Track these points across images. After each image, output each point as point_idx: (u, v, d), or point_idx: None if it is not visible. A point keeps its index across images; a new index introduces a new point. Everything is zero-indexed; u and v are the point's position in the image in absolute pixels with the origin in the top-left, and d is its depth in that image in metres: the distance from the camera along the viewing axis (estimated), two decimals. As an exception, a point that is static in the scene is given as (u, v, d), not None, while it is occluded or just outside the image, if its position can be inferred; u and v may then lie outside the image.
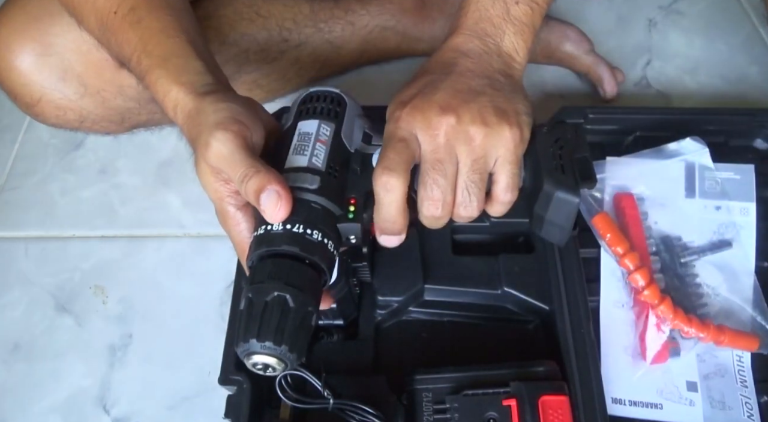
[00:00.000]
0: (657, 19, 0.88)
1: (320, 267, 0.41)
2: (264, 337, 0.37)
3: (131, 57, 0.47)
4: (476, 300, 0.58)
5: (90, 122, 0.68)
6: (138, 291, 0.66)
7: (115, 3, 0.49)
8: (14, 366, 0.62)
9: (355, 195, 0.44)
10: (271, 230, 0.40)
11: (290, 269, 0.39)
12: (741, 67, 0.83)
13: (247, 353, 0.38)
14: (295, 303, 0.38)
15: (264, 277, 0.39)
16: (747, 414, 0.53)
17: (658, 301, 0.54)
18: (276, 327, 0.37)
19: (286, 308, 0.38)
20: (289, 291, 0.38)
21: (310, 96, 0.48)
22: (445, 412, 0.48)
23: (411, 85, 0.46)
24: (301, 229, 0.40)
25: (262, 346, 0.37)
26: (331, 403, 0.48)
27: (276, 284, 0.38)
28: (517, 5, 0.47)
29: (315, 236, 0.40)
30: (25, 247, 0.70)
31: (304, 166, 0.43)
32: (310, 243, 0.40)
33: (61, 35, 0.60)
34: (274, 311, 0.38)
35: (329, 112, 0.47)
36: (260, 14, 0.70)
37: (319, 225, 0.41)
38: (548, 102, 0.79)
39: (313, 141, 0.44)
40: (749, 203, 0.60)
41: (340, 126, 0.46)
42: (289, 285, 0.38)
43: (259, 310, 0.38)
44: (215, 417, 0.52)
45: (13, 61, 0.61)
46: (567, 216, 0.44)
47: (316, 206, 0.42)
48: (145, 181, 0.74)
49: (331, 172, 0.44)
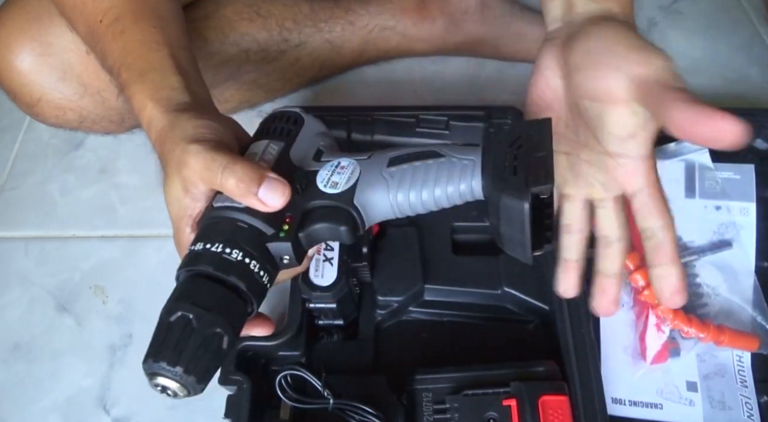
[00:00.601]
0: (657, 19, 0.88)
1: (238, 287, 0.38)
2: (160, 357, 0.35)
3: (113, 68, 0.47)
4: (476, 300, 0.58)
5: (90, 122, 0.68)
6: (138, 291, 0.66)
7: (101, 11, 0.48)
8: (14, 366, 0.62)
9: (291, 213, 0.41)
10: (193, 249, 0.39)
11: (200, 289, 0.37)
12: (741, 68, 0.83)
13: (149, 373, 0.36)
14: (198, 324, 0.36)
15: (174, 297, 0.37)
16: (747, 414, 0.53)
17: (658, 301, 0.54)
18: (174, 347, 0.35)
19: (188, 328, 0.36)
20: (194, 311, 0.36)
21: (270, 116, 0.47)
22: (445, 412, 0.48)
23: None
24: (219, 249, 0.38)
25: (158, 367, 0.35)
26: (331, 403, 0.48)
27: (181, 304, 0.36)
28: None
29: (234, 255, 0.38)
30: (25, 247, 0.70)
31: None
32: (227, 263, 0.38)
33: (60, 35, 0.60)
34: (175, 331, 0.36)
35: (281, 132, 0.45)
36: (260, 14, 0.70)
37: (242, 244, 0.39)
38: (548, 102, 0.79)
39: (257, 160, 0.42)
40: (749, 203, 0.60)
41: (291, 145, 0.44)
42: (196, 305, 0.36)
43: (163, 330, 0.36)
44: (215, 417, 0.52)
45: (12, 61, 0.61)
46: (519, 225, 0.37)
47: (243, 225, 0.40)
48: (145, 181, 0.74)
49: None
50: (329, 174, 0.43)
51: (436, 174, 0.41)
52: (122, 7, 0.48)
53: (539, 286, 0.57)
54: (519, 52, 0.80)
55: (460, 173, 0.40)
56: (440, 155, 0.41)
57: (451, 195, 0.41)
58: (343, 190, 0.42)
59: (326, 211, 0.41)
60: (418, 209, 0.42)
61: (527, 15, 0.78)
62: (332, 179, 0.42)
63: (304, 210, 0.41)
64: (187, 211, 0.41)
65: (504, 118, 0.67)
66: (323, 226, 0.41)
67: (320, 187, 0.42)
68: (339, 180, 0.42)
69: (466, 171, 0.40)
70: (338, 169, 0.43)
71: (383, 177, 0.42)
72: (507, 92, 0.80)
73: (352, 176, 0.42)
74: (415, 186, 0.41)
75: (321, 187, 0.42)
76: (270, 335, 0.53)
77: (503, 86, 0.81)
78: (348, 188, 0.42)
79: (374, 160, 0.43)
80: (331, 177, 0.43)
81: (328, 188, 0.42)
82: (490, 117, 0.67)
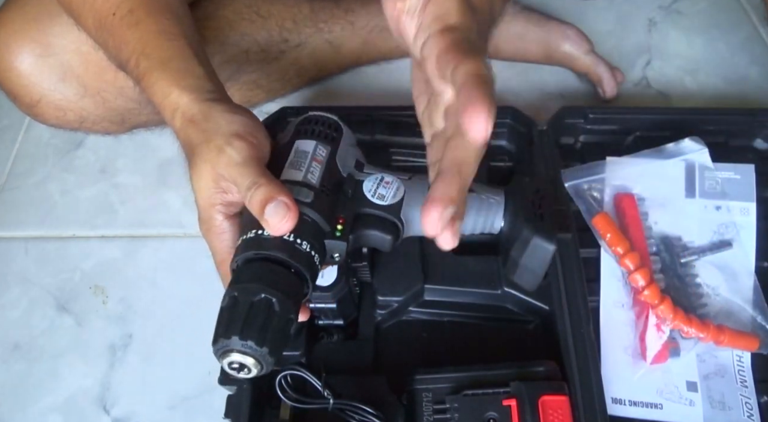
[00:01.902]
0: (657, 19, 0.88)
1: (305, 276, 0.41)
2: (247, 336, 0.37)
3: (129, 59, 0.47)
4: (476, 300, 0.58)
5: (90, 123, 0.68)
6: (138, 291, 0.66)
7: (114, 4, 0.48)
8: (14, 366, 0.62)
9: (344, 215, 0.44)
10: (261, 235, 0.41)
11: (278, 274, 0.40)
12: (741, 67, 0.83)
13: (226, 350, 0.38)
14: (280, 308, 0.38)
15: (252, 278, 0.39)
16: (747, 414, 0.53)
17: (658, 301, 0.54)
18: (260, 327, 0.37)
19: (271, 311, 0.38)
20: (276, 295, 0.38)
21: (309, 118, 0.49)
22: (445, 412, 0.48)
23: None
24: (292, 238, 0.41)
25: (243, 345, 0.37)
26: (331, 403, 0.48)
27: (263, 286, 0.38)
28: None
29: (304, 247, 0.41)
30: (25, 247, 0.70)
31: (299, 179, 0.43)
32: (299, 253, 0.41)
33: (60, 36, 0.60)
34: (259, 312, 0.38)
35: (326, 136, 0.47)
36: (260, 14, 0.70)
37: (309, 237, 0.41)
38: (548, 102, 0.79)
39: (309, 159, 0.45)
40: (749, 203, 0.60)
41: (336, 150, 0.47)
42: (276, 289, 0.39)
43: (245, 309, 0.38)
44: (215, 417, 0.53)
45: (12, 62, 0.61)
46: (542, 263, 0.45)
47: (308, 219, 0.42)
48: (145, 181, 0.74)
49: (323, 190, 0.44)
50: (375, 186, 0.47)
51: (468, 206, 0.45)
52: (134, 0, 0.48)
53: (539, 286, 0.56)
54: (518, 52, 0.80)
55: (486, 210, 0.47)
56: (471, 190, 0.45)
57: (474, 226, 0.47)
58: (391, 204, 0.46)
59: (375, 219, 0.45)
60: None
61: (527, 15, 0.78)
62: (379, 191, 0.47)
63: (356, 214, 0.45)
64: (218, 199, 0.42)
65: (504, 118, 0.68)
66: (371, 233, 0.45)
67: (368, 196, 0.46)
68: (386, 193, 0.46)
69: (491, 208, 0.47)
70: (383, 183, 0.47)
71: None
72: (507, 92, 0.80)
73: (398, 192, 0.47)
74: None
75: (369, 196, 0.46)
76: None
77: (503, 86, 0.81)
78: (395, 202, 0.46)
79: (416, 182, 0.48)
80: (378, 189, 0.47)
81: (376, 199, 0.46)
82: (490, 117, 0.67)
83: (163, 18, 0.48)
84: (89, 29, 0.52)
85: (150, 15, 0.48)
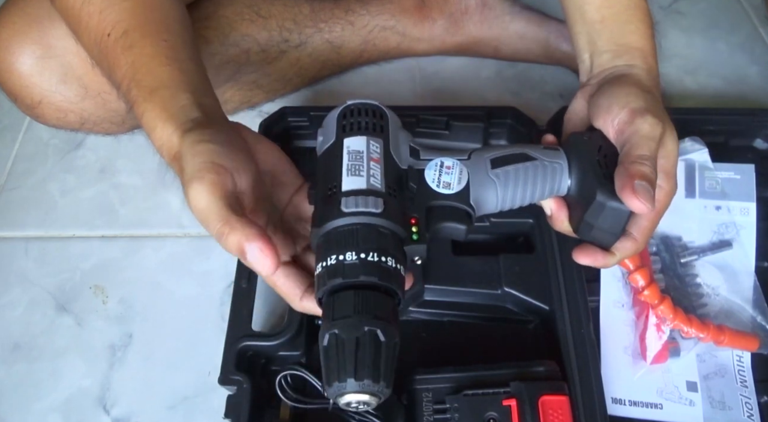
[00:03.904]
0: (657, 18, 0.87)
1: (397, 294, 0.39)
2: (362, 376, 0.35)
3: (121, 83, 0.46)
4: (476, 300, 0.58)
5: (91, 123, 0.68)
6: (138, 291, 0.66)
7: (109, 24, 0.47)
8: (14, 366, 0.62)
9: (416, 214, 0.42)
10: (344, 260, 0.39)
11: (375, 301, 0.38)
12: (741, 67, 0.83)
13: (343, 392, 0.36)
14: (386, 337, 0.37)
15: (350, 311, 0.37)
16: (747, 414, 0.53)
17: (658, 301, 0.54)
18: (372, 363, 0.36)
19: (377, 343, 0.36)
20: (379, 325, 0.37)
21: (350, 109, 0.46)
22: (445, 412, 0.48)
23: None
24: (376, 258, 0.38)
25: (360, 385, 0.36)
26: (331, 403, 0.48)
27: (364, 319, 0.37)
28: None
29: (390, 263, 0.39)
30: (25, 247, 0.70)
31: (364, 188, 0.41)
32: (387, 271, 0.39)
33: (61, 37, 0.60)
34: (367, 348, 0.36)
35: (374, 127, 0.45)
36: (261, 14, 0.70)
37: (391, 250, 0.39)
38: (548, 102, 0.79)
39: (366, 160, 0.42)
40: (749, 203, 0.60)
41: (388, 141, 0.45)
42: (377, 318, 0.37)
43: (352, 348, 0.36)
44: (215, 417, 0.52)
45: (13, 63, 0.61)
46: (618, 223, 0.44)
47: (385, 231, 0.40)
48: (145, 181, 0.74)
49: (391, 193, 0.42)
50: (437, 174, 0.45)
51: (533, 175, 0.45)
52: (130, 20, 0.47)
53: (539, 286, 0.57)
54: (518, 52, 0.80)
55: (551, 175, 0.46)
56: (533, 158, 0.46)
57: (542, 192, 0.46)
58: (459, 191, 0.44)
59: (447, 211, 0.44)
60: (515, 205, 0.47)
61: (527, 15, 0.79)
62: (443, 179, 0.45)
63: (426, 209, 0.43)
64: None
65: (504, 118, 0.68)
66: (445, 225, 0.44)
67: (433, 187, 0.44)
68: (450, 180, 0.45)
69: (555, 173, 0.46)
70: (445, 169, 0.45)
71: (491, 178, 0.45)
72: (507, 92, 0.80)
73: (462, 177, 0.45)
74: (518, 186, 0.45)
75: (434, 187, 0.44)
76: (270, 335, 0.54)
77: (503, 86, 0.81)
78: (462, 189, 0.44)
79: (475, 161, 0.46)
80: (441, 177, 0.45)
81: (442, 188, 0.44)
82: (490, 117, 0.67)
83: (157, 40, 0.46)
84: (87, 48, 0.51)
85: (144, 37, 0.46)
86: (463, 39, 0.79)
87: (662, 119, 0.45)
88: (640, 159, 0.43)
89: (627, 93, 0.46)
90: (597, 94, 0.49)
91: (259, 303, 0.57)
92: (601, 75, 0.51)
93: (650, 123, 0.44)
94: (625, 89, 0.47)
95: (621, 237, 0.45)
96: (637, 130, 0.44)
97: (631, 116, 0.44)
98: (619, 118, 0.45)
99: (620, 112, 0.45)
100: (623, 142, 0.45)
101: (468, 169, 0.45)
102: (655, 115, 0.44)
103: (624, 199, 0.42)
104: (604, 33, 0.52)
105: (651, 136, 0.44)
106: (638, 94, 0.46)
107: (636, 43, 0.51)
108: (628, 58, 0.50)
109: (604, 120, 0.46)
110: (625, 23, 0.51)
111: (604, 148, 0.46)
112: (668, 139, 0.45)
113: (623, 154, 0.44)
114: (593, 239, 0.46)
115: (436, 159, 0.46)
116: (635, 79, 0.49)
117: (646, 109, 0.45)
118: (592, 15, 0.52)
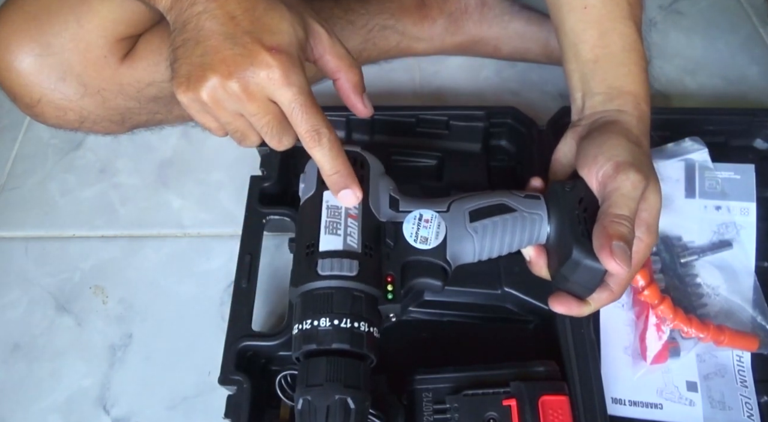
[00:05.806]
0: (657, 19, 0.88)
1: (369, 357, 0.41)
2: None
3: None
4: (476, 300, 0.58)
5: (90, 122, 0.67)
6: (138, 291, 0.66)
7: None
8: (14, 366, 0.62)
9: (391, 271, 0.43)
10: (318, 326, 0.40)
11: (346, 369, 0.40)
12: (741, 67, 0.83)
13: None
14: (355, 404, 0.39)
15: (322, 380, 0.39)
16: (747, 414, 0.53)
17: (658, 301, 0.54)
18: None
19: (347, 410, 0.39)
20: (349, 393, 0.39)
21: None
22: (445, 412, 0.48)
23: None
24: (349, 324, 0.40)
25: None
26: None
27: (335, 387, 0.39)
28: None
29: (362, 328, 0.41)
30: (25, 247, 0.70)
31: (340, 249, 0.42)
32: (359, 337, 0.41)
33: (59, 34, 0.60)
34: (337, 416, 0.39)
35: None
36: (260, 14, 0.70)
37: (364, 314, 0.41)
38: (548, 102, 0.79)
39: (344, 217, 0.43)
40: (749, 203, 0.60)
41: (367, 194, 0.45)
42: (348, 386, 0.39)
43: (323, 415, 0.39)
44: (215, 417, 0.52)
45: (12, 61, 0.61)
46: (593, 279, 0.44)
47: (359, 294, 0.41)
48: (145, 181, 0.74)
49: (367, 252, 0.43)
50: (415, 228, 0.45)
51: (512, 227, 0.46)
52: None
53: (539, 286, 0.56)
54: (518, 52, 0.80)
55: (530, 226, 0.46)
56: (512, 209, 0.46)
57: (520, 243, 0.47)
58: (435, 246, 0.45)
59: (423, 267, 0.44)
60: (494, 255, 0.47)
61: (526, 14, 0.78)
62: (420, 234, 0.45)
63: (402, 265, 0.44)
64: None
65: (504, 118, 0.68)
66: (420, 281, 0.44)
67: (410, 241, 0.45)
68: (428, 235, 0.45)
69: (534, 224, 0.46)
70: (423, 223, 0.45)
71: (469, 232, 0.46)
72: (507, 92, 0.80)
73: (439, 231, 0.45)
74: (495, 239, 0.46)
75: (411, 241, 0.45)
76: (270, 335, 0.54)
77: (503, 86, 0.81)
78: (439, 244, 0.45)
79: (454, 214, 0.46)
80: (418, 231, 0.45)
81: (419, 243, 0.45)
82: (490, 117, 0.67)
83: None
84: None
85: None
86: (463, 38, 0.79)
87: (646, 174, 0.44)
88: (619, 219, 0.42)
89: (614, 144, 0.46)
90: (585, 141, 0.48)
91: (259, 303, 0.57)
92: (592, 117, 0.50)
93: (632, 180, 0.43)
94: (612, 140, 0.46)
95: (597, 289, 0.45)
96: (618, 187, 0.43)
97: (616, 170, 0.44)
98: (604, 171, 0.45)
99: (605, 164, 0.45)
100: (605, 196, 0.44)
101: (446, 222, 0.46)
102: (639, 170, 0.44)
103: (601, 259, 0.42)
104: (597, 73, 0.51)
105: (632, 196, 0.43)
106: (625, 146, 0.46)
107: (629, 87, 0.50)
108: (620, 103, 0.49)
109: (589, 170, 0.46)
110: (619, 65, 0.50)
111: (585, 200, 0.45)
112: (651, 193, 0.45)
113: (603, 210, 0.44)
114: (569, 290, 0.46)
115: (414, 211, 0.46)
116: (624, 128, 0.48)
117: (631, 163, 0.44)
118: (586, 54, 0.51)
